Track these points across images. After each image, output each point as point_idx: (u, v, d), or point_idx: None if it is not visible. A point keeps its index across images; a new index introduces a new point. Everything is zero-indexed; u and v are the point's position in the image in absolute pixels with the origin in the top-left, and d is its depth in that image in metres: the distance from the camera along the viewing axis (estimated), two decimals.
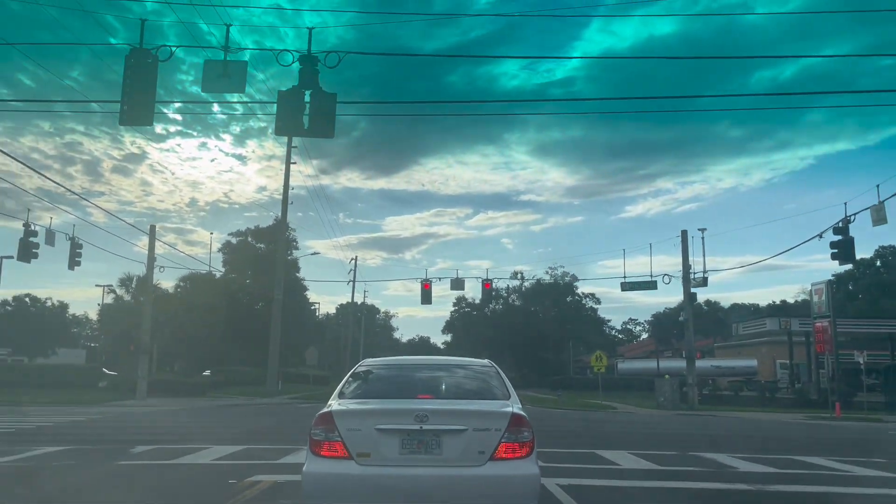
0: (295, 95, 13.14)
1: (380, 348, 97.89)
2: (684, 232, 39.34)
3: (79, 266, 33.52)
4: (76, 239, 32.84)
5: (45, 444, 13.83)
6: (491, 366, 7.03)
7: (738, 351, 64.19)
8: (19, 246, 29.86)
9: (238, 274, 63.32)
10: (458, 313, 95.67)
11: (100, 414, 23.87)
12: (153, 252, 37.48)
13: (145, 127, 19.40)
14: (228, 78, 13.05)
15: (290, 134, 29.80)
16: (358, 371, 6.89)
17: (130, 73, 12.89)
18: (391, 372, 7.02)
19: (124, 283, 57.40)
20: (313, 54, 13.30)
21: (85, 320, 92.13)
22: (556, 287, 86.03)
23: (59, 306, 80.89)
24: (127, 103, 12.91)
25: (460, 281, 44.21)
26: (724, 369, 58.69)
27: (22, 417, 21.29)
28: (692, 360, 38.31)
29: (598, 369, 42.11)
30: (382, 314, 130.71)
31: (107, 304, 61.23)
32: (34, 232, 30.00)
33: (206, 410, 27.88)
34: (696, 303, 41.20)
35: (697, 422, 26.50)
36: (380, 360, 7.58)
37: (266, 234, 63.86)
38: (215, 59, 13.39)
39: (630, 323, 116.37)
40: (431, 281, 43.84)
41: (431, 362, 7.74)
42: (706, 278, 39.04)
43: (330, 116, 13.28)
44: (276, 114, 13.30)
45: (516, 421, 5.50)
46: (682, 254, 39.11)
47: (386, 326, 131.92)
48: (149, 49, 13.17)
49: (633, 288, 41.92)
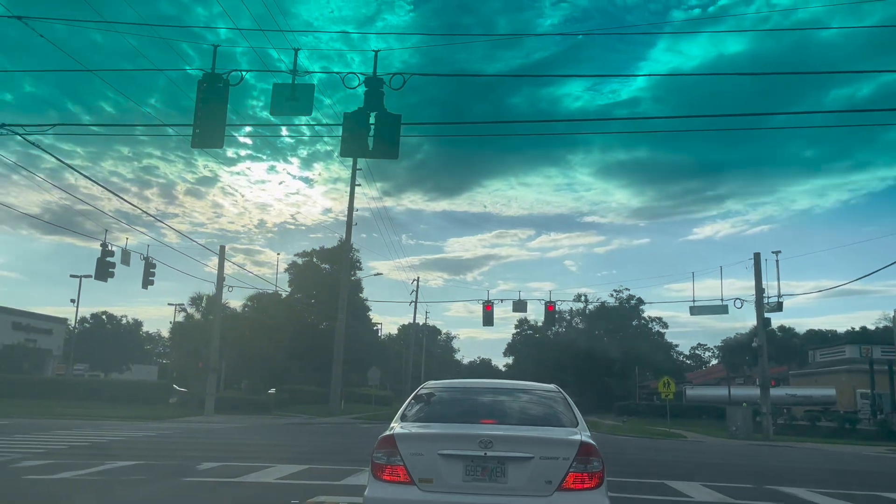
0: (360, 117, 13.26)
1: (441, 370, 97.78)
2: (757, 255, 38.04)
3: (152, 285, 34.62)
4: (150, 259, 33.99)
5: (116, 458, 14.19)
6: (557, 391, 6.80)
7: (815, 379, 61.41)
8: (97, 265, 31.10)
9: (303, 294, 64.42)
10: (519, 336, 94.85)
11: (169, 429, 24.45)
12: (222, 272, 38.47)
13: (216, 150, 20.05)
14: (296, 101, 13.28)
15: (355, 156, 30.29)
16: (420, 393, 6.76)
17: (203, 97, 13.27)
18: (454, 395, 6.87)
19: (195, 301, 59.03)
20: (379, 77, 13.42)
21: (157, 337, 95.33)
22: (622, 310, 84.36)
23: (134, 324, 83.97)
24: (199, 126, 13.28)
25: (522, 303, 43.77)
26: (799, 398, 56.14)
27: (96, 431, 21.99)
28: (766, 388, 36.77)
29: (666, 396, 40.85)
30: (444, 335, 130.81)
31: (178, 322, 63.18)
32: (111, 252, 31.20)
33: (270, 428, 28.24)
34: (769, 328, 39.56)
35: (773, 453, 25.31)
36: (442, 382, 7.43)
37: (331, 254, 64.87)
38: (284, 83, 13.68)
39: (699, 348, 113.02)
40: (493, 303, 43.57)
41: (495, 386, 7.55)
42: (781, 303, 37.51)
43: (394, 138, 13.35)
44: (341, 136, 13.45)
45: (585, 450, 5.26)
46: (755, 277, 37.76)
47: (447, 348, 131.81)
48: (220, 74, 13.55)
49: (702, 312, 40.64)
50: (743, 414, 35.66)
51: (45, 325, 65.66)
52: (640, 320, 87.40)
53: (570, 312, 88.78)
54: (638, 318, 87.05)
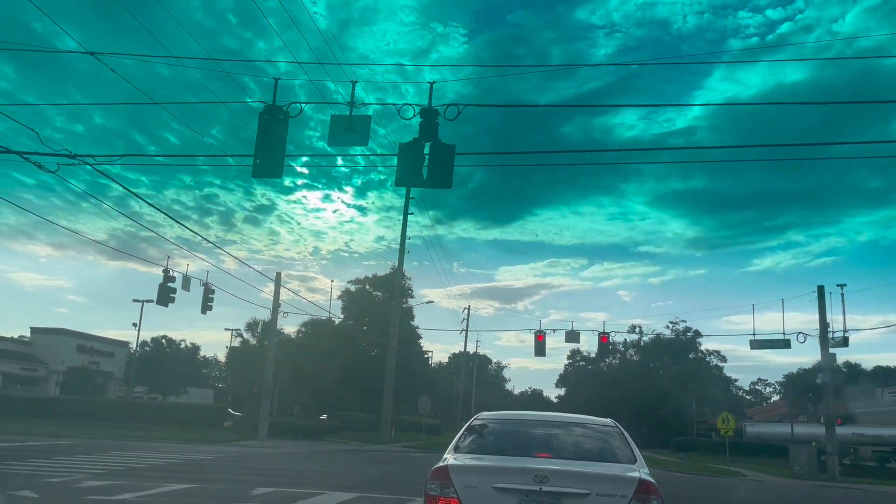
0: (415, 147, 13.41)
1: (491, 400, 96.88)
2: (821, 287, 36.73)
3: (210, 310, 35.44)
4: (209, 285, 34.83)
5: (172, 480, 14.44)
6: (614, 426, 6.66)
7: (884, 418, 58.55)
8: (159, 290, 32.04)
9: (355, 321, 64.94)
10: (572, 367, 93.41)
11: (223, 453, 24.80)
12: (278, 298, 39.13)
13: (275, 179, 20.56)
14: (353, 132, 13.52)
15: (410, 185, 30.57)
16: (474, 424, 6.71)
17: (263, 128, 13.61)
18: (508, 427, 6.80)
19: (251, 327, 60.15)
20: (433, 108, 13.58)
21: (214, 362, 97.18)
22: (678, 342, 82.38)
23: (192, 348, 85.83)
24: (259, 157, 13.61)
25: (575, 333, 43.20)
26: (867, 438, 53.55)
27: (153, 453, 22.46)
28: (831, 427, 35.25)
29: (725, 432, 39.55)
30: (494, 365, 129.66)
31: (234, 347, 64.38)
32: (172, 278, 32.13)
33: (322, 454, 28.37)
34: (834, 364, 38.05)
35: (840, 495, 24.18)
36: (496, 413, 7.37)
37: (383, 282, 65.33)
38: (341, 114, 13.96)
39: (759, 383, 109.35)
40: (545, 332, 43.10)
41: (550, 419, 7.44)
42: (846, 338, 36.08)
43: (448, 167, 13.44)
44: (396, 166, 13.61)
45: (644, 487, 5.12)
46: (819, 311, 36.45)
47: (498, 377, 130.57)
48: (280, 106, 13.91)
49: (763, 346, 39.39)
50: (807, 453, 34.24)
51: (108, 348, 67.81)
52: (697, 353, 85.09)
53: (623, 344, 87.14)
54: (695, 350, 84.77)
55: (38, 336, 63.65)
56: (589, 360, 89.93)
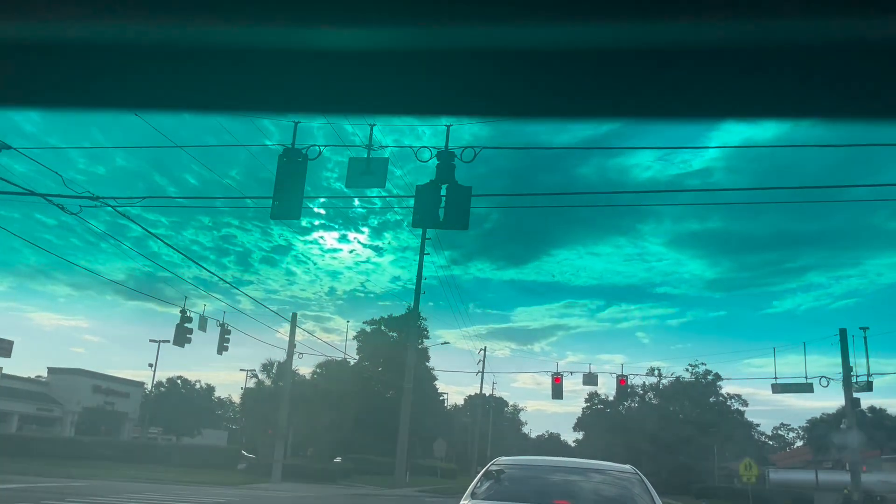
0: (432, 189, 13.49)
1: (507, 443, 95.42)
2: (843, 330, 36.13)
3: (227, 351, 35.49)
4: (226, 325, 34.94)
5: None
6: (634, 472, 6.53)
7: None
8: (176, 331, 32.16)
9: (371, 362, 64.66)
10: (589, 410, 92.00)
11: (237, 496, 24.54)
12: (293, 339, 39.14)
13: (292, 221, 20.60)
14: (371, 174, 13.66)
15: (426, 226, 30.69)
16: (491, 469, 6.61)
17: (282, 170, 13.77)
18: (525, 473, 6.69)
19: (266, 368, 60.01)
20: (450, 150, 13.71)
21: (228, 403, 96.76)
22: (698, 386, 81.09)
23: (207, 389, 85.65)
24: (278, 199, 13.75)
25: (593, 376, 42.71)
26: (894, 485, 52.14)
27: (166, 496, 22.27)
28: (857, 474, 34.35)
29: (748, 479, 38.58)
30: (511, 407, 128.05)
31: (249, 388, 64.17)
32: (189, 318, 32.25)
33: (336, 499, 28.00)
34: (858, 409, 37.24)
35: None
36: (513, 459, 7.26)
37: (398, 322, 65.16)
38: (359, 157, 14.12)
39: (782, 428, 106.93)
40: (562, 375, 42.64)
41: (568, 465, 7.31)
42: (871, 382, 35.32)
43: (465, 209, 13.49)
44: (413, 207, 13.70)
45: None
46: (842, 355, 35.81)
47: (514, 420, 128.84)
48: (299, 149, 14.10)
49: (785, 390, 38.65)
50: (833, 502, 33.31)
51: (124, 388, 67.87)
52: (717, 397, 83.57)
53: (642, 387, 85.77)
54: (715, 394, 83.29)
55: (55, 376, 63.87)
56: (607, 403, 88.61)
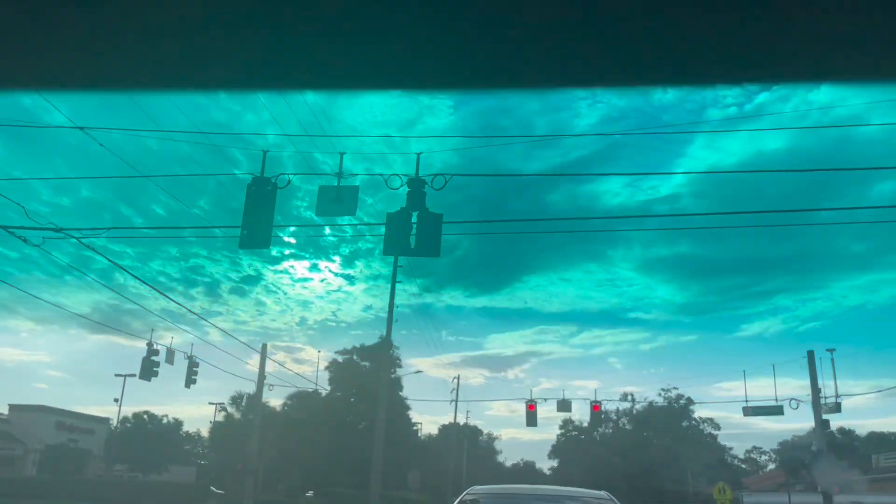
0: (402, 216, 13.44)
1: (482, 472, 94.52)
2: (811, 352, 36.63)
3: (195, 384, 34.77)
4: (194, 358, 34.29)
5: None
6: (609, 499, 6.45)
7: (881, 486, 57.55)
8: (142, 365, 31.47)
9: (343, 392, 63.82)
10: (564, 437, 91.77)
11: None
12: (263, 370, 38.54)
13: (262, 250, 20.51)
14: (341, 202, 13.57)
15: (398, 254, 30.58)
16: (465, 500, 6.48)
17: (251, 200, 13.60)
18: (500, 501, 6.58)
19: (235, 400, 58.96)
20: (421, 177, 13.70)
21: (197, 437, 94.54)
22: (670, 410, 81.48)
23: (174, 423, 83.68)
24: (247, 228, 13.57)
25: (567, 402, 42.67)
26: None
27: None
28: (829, 496, 34.57)
29: (722, 503, 38.63)
30: (485, 435, 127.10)
31: (218, 421, 62.86)
32: (156, 351, 31.61)
33: None
34: (828, 430, 37.64)
35: None
36: (488, 487, 7.13)
37: (371, 352, 64.51)
38: (329, 185, 14.04)
39: (754, 451, 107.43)
40: (536, 402, 42.51)
41: (543, 492, 7.21)
42: (839, 404, 35.81)
43: (436, 236, 13.45)
44: (384, 235, 13.62)
45: None
46: (811, 377, 36.25)
47: (489, 449, 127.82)
48: (269, 178, 13.97)
49: (756, 413, 39.02)
50: None
51: (88, 424, 66.15)
52: (690, 421, 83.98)
53: (616, 412, 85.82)
54: (688, 418, 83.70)
55: (16, 413, 61.93)
56: (581, 429, 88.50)
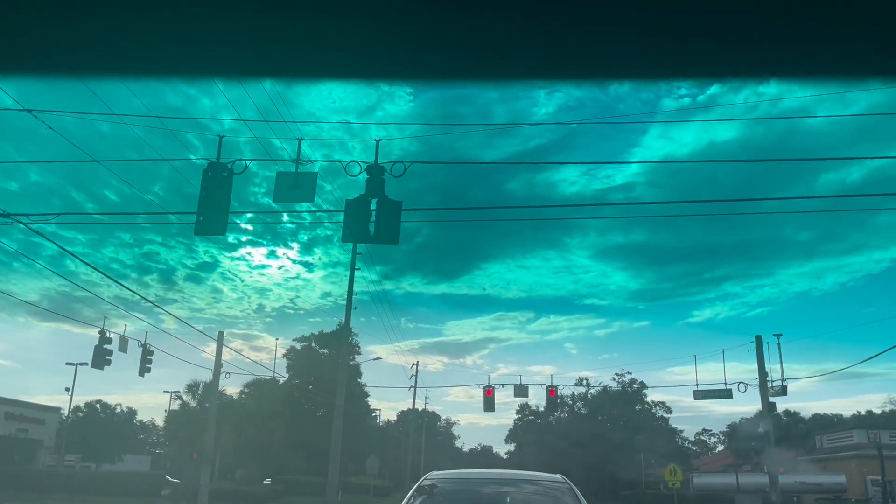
0: (361, 204, 13.44)
1: (441, 457, 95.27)
2: (758, 338, 37.73)
3: (149, 372, 34.22)
4: (148, 346, 33.73)
5: None
6: (564, 482, 6.64)
7: (824, 465, 59.81)
8: (94, 353, 30.84)
9: (301, 380, 63.53)
10: (521, 421, 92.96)
11: None
12: (220, 358, 38.07)
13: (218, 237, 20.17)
14: (299, 189, 13.51)
15: (357, 241, 30.51)
16: (423, 485, 6.59)
17: (206, 186, 13.44)
18: (458, 486, 6.71)
19: (191, 389, 58.15)
20: (380, 164, 13.70)
21: (151, 426, 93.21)
22: (624, 395, 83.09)
23: (128, 412, 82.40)
24: (202, 214, 13.41)
25: (524, 388, 43.16)
26: (809, 486, 54.55)
27: None
28: (775, 476, 35.81)
29: (673, 484, 39.73)
30: (444, 421, 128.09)
31: (173, 410, 62.01)
32: (109, 339, 30.99)
33: None
34: (774, 413, 38.91)
35: None
36: (446, 473, 7.27)
37: (329, 339, 64.33)
38: (287, 171, 13.94)
39: (704, 433, 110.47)
40: (494, 387, 42.92)
41: (499, 477, 7.38)
42: (785, 387, 36.96)
43: (395, 223, 13.48)
44: (343, 222, 13.59)
45: None
46: (758, 361, 37.36)
47: (447, 434, 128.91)
48: (225, 163, 13.80)
49: (706, 396, 40.06)
50: (753, 502, 34.62)
51: (38, 414, 64.45)
52: (643, 405, 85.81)
53: (571, 397, 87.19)
54: (641, 402, 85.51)
55: None
56: (538, 414, 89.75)
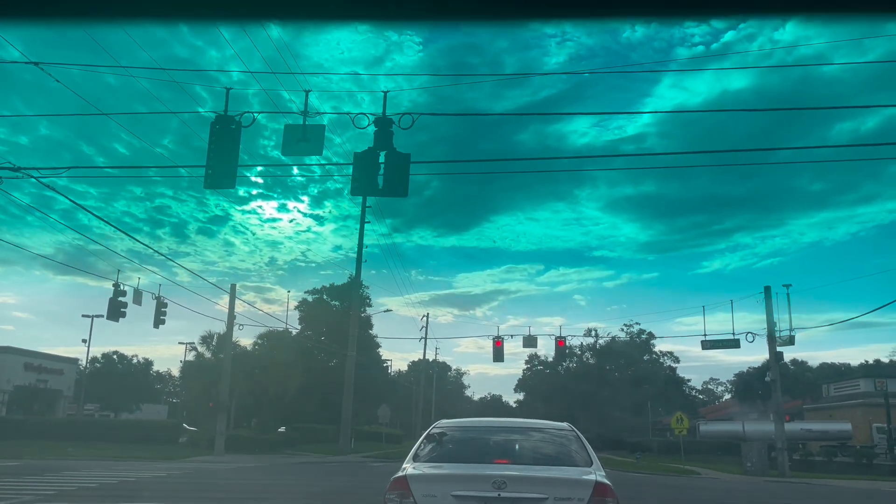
0: (370, 156, 13.42)
1: (451, 407, 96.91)
2: (767, 288, 37.80)
3: (163, 324, 34.72)
4: (162, 298, 34.15)
5: (125, 499, 14.11)
6: (570, 429, 6.78)
7: (830, 413, 60.41)
8: (109, 305, 31.26)
9: (313, 331, 64.34)
10: (530, 371, 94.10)
11: (179, 470, 24.30)
12: (233, 310, 38.56)
13: (228, 190, 20.25)
14: (307, 141, 13.48)
15: (366, 194, 30.52)
16: (432, 433, 6.75)
17: (215, 138, 13.45)
18: (466, 434, 6.86)
19: (205, 340, 58.92)
20: (388, 116, 13.61)
21: (168, 377, 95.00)
22: (632, 345, 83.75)
23: (144, 363, 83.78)
24: (212, 167, 13.44)
25: (532, 338, 43.58)
26: (815, 433, 55.20)
27: (106, 472, 21.88)
28: (781, 423, 36.26)
29: (680, 432, 40.33)
30: (454, 371, 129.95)
31: (188, 361, 63.08)
32: (123, 292, 31.38)
33: (280, 468, 28.01)
34: (782, 362, 39.16)
35: (792, 490, 24.88)
36: (454, 421, 7.42)
37: (341, 291, 64.92)
38: (295, 123, 13.89)
39: (711, 383, 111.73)
40: (503, 338, 43.40)
41: (507, 425, 7.53)
42: (793, 337, 37.15)
43: (404, 176, 13.47)
44: (352, 175, 13.59)
45: (601, 490, 5.24)
46: (766, 311, 37.50)
47: (457, 384, 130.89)
48: (233, 116, 13.77)
49: (714, 346, 40.34)
50: (758, 450, 35.13)
51: (57, 365, 65.77)
52: (651, 355, 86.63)
53: (580, 347, 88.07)
54: (649, 352, 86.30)
55: None
56: (547, 364, 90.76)
